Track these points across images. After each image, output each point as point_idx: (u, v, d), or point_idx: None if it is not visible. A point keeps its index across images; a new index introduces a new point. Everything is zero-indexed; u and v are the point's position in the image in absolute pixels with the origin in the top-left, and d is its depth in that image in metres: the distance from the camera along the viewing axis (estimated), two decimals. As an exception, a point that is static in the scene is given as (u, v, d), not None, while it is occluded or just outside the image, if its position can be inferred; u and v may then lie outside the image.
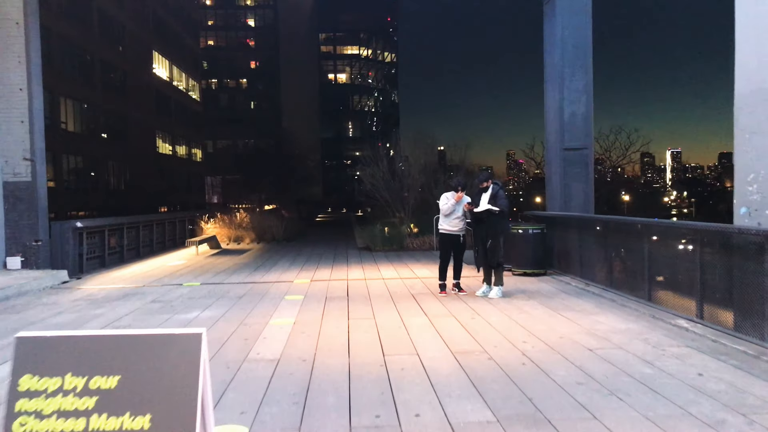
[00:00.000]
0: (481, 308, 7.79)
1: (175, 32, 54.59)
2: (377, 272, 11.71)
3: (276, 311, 7.75)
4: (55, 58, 32.08)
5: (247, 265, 13.14)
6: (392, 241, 15.93)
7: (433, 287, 9.54)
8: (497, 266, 8.57)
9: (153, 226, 16.10)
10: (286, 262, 13.83)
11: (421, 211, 17.30)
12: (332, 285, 10.04)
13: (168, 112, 51.78)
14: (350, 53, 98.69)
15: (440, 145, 19.66)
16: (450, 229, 8.84)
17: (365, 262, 13.69)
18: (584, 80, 11.70)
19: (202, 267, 12.90)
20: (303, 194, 59.98)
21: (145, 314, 7.70)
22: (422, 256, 14.62)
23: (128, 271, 12.38)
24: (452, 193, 8.93)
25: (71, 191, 33.69)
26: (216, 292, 9.44)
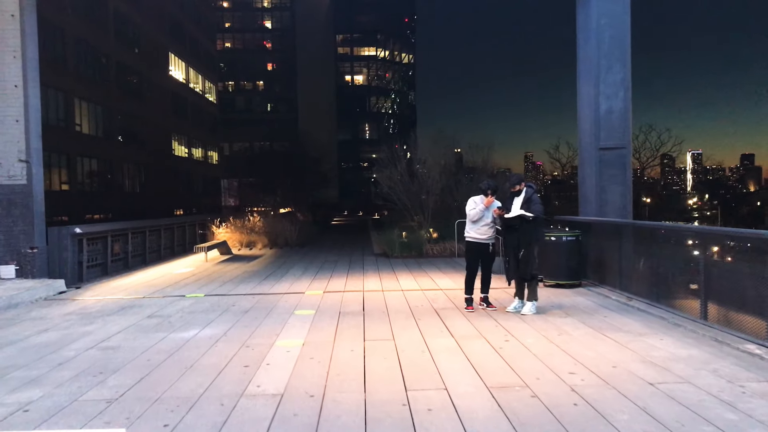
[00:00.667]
0: (515, 328, 6.88)
1: (192, 34, 54.37)
2: (395, 282, 10.84)
3: (283, 329, 6.92)
4: (70, 60, 31.80)
5: (256, 274, 12.36)
6: (411, 248, 15.05)
7: (458, 301, 8.64)
8: (531, 279, 7.65)
9: (161, 231, 15.41)
10: (299, 270, 13.03)
11: (441, 216, 16.40)
12: (347, 297, 9.19)
13: (184, 114, 51.51)
14: (367, 54, 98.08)
15: (458, 148, 18.61)
16: (478, 237, 7.94)
17: (382, 270, 12.83)
18: (622, 73, 10.72)
19: (209, 275, 12.15)
20: (319, 197, 59.29)
21: (139, 332, 6.91)
22: (443, 263, 13.71)
23: (131, 279, 11.67)
24: (481, 197, 8.04)
25: (85, 194, 33.35)
26: (220, 305, 8.65)
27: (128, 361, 5.64)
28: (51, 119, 30.08)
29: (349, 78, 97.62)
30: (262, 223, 19.70)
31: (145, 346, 6.23)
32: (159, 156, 44.33)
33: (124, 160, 38.75)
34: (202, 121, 57.46)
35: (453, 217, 16.41)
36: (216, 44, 68.29)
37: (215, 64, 64.42)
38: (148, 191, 41.83)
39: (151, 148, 42.54)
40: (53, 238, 10.47)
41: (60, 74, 30.63)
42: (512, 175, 7.96)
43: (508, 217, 7.65)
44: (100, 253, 12.06)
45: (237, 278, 11.65)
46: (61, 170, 31.44)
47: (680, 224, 8.25)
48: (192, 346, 6.21)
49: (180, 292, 9.93)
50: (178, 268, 13.60)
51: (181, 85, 50.84)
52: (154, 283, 11.02)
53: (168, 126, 47.01)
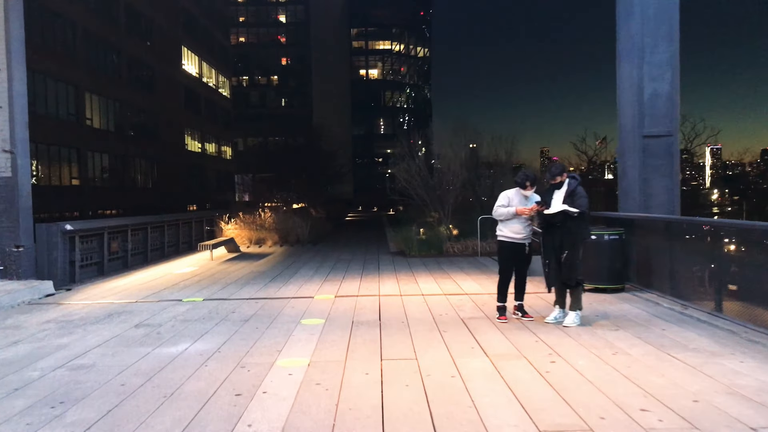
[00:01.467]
0: (559, 343, 5.82)
1: (205, 28, 53.68)
2: (415, 285, 9.81)
3: (287, 344, 5.93)
4: (80, 53, 31.14)
5: (263, 274, 11.40)
6: (430, 246, 14.01)
7: (488, 308, 7.60)
8: (576, 285, 6.58)
9: (164, 228, 14.53)
10: (309, 270, 12.05)
11: (461, 211, 15.33)
12: (361, 303, 8.19)
13: (197, 109, 50.88)
14: (382, 48, 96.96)
15: (479, 140, 17.44)
16: (512, 236, 6.88)
17: (400, 271, 11.80)
18: (669, 51, 9.56)
19: (212, 276, 11.22)
20: (333, 193, 58.43)
21: (121, 346, 5.97)
22: (466, 263, 12.65)
23: (128, 280, 10.77)
24: (515, 190, 6.98)
25: (97, 189, 32.76)
26: (219, 311, 7.69)
27: (99, 385, 4.69)
28: (61, 113, 29.51)
29: (363, 72, 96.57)
30: (273, 219, 18.76)
31: (123, 364, 5.28)
32: (172, 151, 43.70)
33: (137, 155, 38.12)
34: (216, 116, 56.84)
35: (474, 212, 15.35)
36: (230, 38, 67.61)
37: (229, 59, 63.73)
38: (160, 187, 41.21)
39: (163, 143, 41.93)
40: (41, 236, 9.60)
41: (70, 67, 30.00)
42: (553, 164, 6.88)
43: (548, 214, 6.58)
44: (95, 251, 11.18)
45: (242, 279, 10.70)
46: (72, 165, 30.84)
47: (751, 222, 7.08)
48: (178, 365, 5.25)
49: (177, 295, 9.00)
50: (180, 267, 12.70)
51: (194, 79, 50.16)
52: (152, 285, 10.11)
53: (181, 121, 46.38)
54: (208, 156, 54.54)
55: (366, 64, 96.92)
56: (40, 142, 27.55)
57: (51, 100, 28.87)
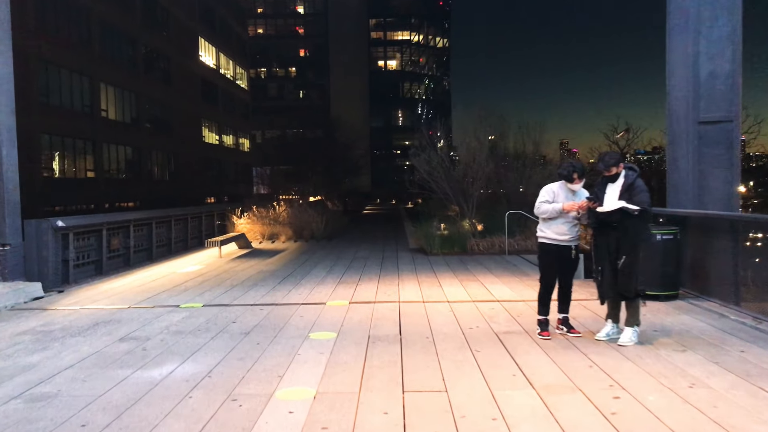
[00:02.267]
0: (619, 370, 4.79)
1: (223, 19, 53.00)
2: (438, 289, 8.82)
3: (290, 367, 4.99)
4: (95, 42, 30.57)
5: (273, 274, 10.50)
6: (452, 243, 12.98)
7: (523, 319, 6.59)
8: (635, 297, 5.53)
9: (171, 223, 13.71)
10: (322, 269, 11.11)
11: (486, 206, 14.27)
12: (378, 311, 7.22)
13: (215, 100, 50.30)
14: (401, 39, 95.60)
15: (499, 132, 16.23)
16: (556, 237, 5.84)
17: (421, 271, 10.81)
18: (730, 25, 8.39)
19: (217, 276, 10.34)
20: (351, 185, 57.59)
21: (98, 366, 5.09)
22: (493, 263, 11.61)
23: (126, 281, 9.94)
24: (560, 183, 5.94)
25: (112, 182, 32.26)
26: (218, 321, 6.79)
27: (53, 427, 3.79)
28: (76, 105, 28.97)
29: (382, 63, 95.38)
30: (287, 213, 17.88)
31: (92, 393, 4.39)
32: (189, 143, 43.16)
33: (153, 147, 37.58)
34: (234, 108, 56.26)
35: (500, 207, 14.30)
36: (247, 29, 66.93)
37: (246, 50, 63.02)
38: (177, 179, 40.69)
39: (180, 134, 41.37)
40: (31, 233, 8.80)
41: (84, 58, 29.43)
42: (607, 153, 5.81)
43: (603, 212, 5.53)
44: (93, 249, 10.38)
45: (249, 280, 9.80)
46: (87, 157, 30.33)
47: None
48: (157, 395, 4.34)
49: (176, 299, 8.13)
50: (186, 265, 11.86)
51: (211, 70, 49.53)
52: (151, 287, 9.27)
53: (198, 112, 45.82)
54: (226, 148, 54.00)
55: (384, 55, 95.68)
56: (54, 133, 27.09)
57: (65, 92, 28.34)
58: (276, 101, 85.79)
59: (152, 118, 38.03)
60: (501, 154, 14.50)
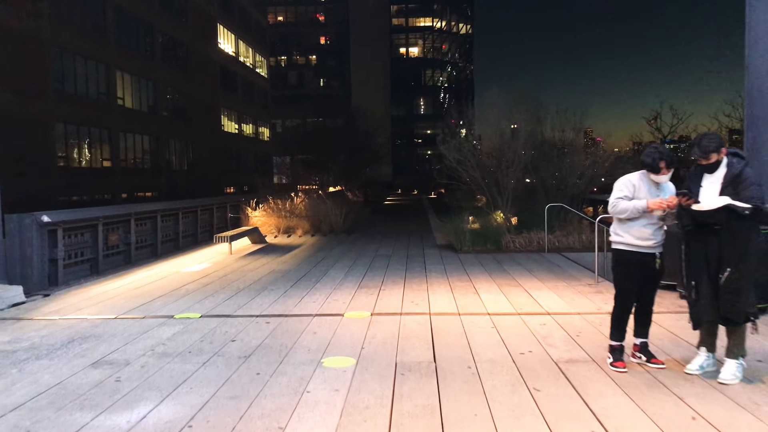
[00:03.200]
0: (735, 426, 3.54)
1: (242, 6, 52.01)
2: (474, 296, 7.60)
3: (296, 412, 3.84)
4: (111, 30, 29.74)
5: (286, 275, 9.38)
6: (485, 239, 11.71)
7: (585, 340, 5.35)
8: (744, 321, 4.27)
9: (178, 216, 12.68)
10: (341, 269, 9.96)
11: (521, 198, 12.95)
12: (406, 327, 6.04)
13: (234, 89, 49.45)
14: (423, 25, 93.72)
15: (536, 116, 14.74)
16: (637, 243, 4.57)
17: (452, 272, 9.59)
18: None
19: (224, 277, 9.26)
20: (372, 175, 56.45)
21: (53, 407, 4.01)
22: (532, 263, 10.33)
23: (122, 282, 8.91)
24: (640, 174, 4.66)
25: (129, 171, 31.58)
26: (214, 338, 5.68)
27: None
28: (91, 93, 28.24)
29: (403, 50, 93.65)
30: (304, 205, 16.78)
31: (33, 453, 3.30)
32: (207, 132, 42.40)
33: (171, 136, 36.83)
34: (253, 96, 55.37)
35: (538, 199, 12.97)
36: (267, 17, 65.82)
37: (266, 38, 61.97)
38: (196, 168, 39.97)
39: (199, 123, 40.60)
40: (12, 230, 7.81)
41: (100, 45, 28.66)
42: (705, 135, 4.49)
43: (701, 211, 4.26)
44: (88, 246, 9.38)
45: (258, 283, 8.70)
46: (103, 146, 29.64)
47: None
48: (116, 458, 3.22)
49: (172, 307, 7.06)
50: (192, 263, 10.82)
51: (230, 58, 48.61)
52: (148, 290, 8.22)
53: (217, 101, 45.02)
54: (246, 137, 53.20)
55: (406, 42, 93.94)
56: (69, 122, 26.40)
57: (80, 79, 27.60)
58: (296, 90, 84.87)
59: (170, 106, 37.27)
60: (538, 140, 13.12)
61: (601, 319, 6.15)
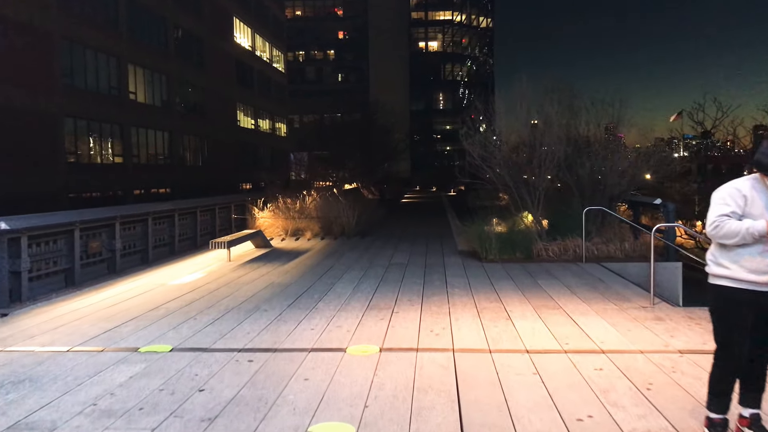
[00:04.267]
0: None
1: (259, 0, 50.99)
2: (507, 323, 6.27)
3: None
4: (123, 22, 28.87)
5: (285, 291, 8.14)
6: (513, 246, 10.33)
7: (657, 394, 4.00)
8: None
9: (174, 219, 11.53)
10: (349, 282, 8.69)
11: (554, 199, 11.54)
12: (424, 371, 4.74)
13: (250, 83, 48.51)
14: (442, 19, 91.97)
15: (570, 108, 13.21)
16: (750, 277, 3.22)
17: (478, 288, 8.25)
18: None
19: (213, 293, 8.05)
20: (390, 171, 55.19)
21: None
22: (570, 276, 8.95)
23: (95, 299, 7.74)
24: (751, 182, 3.30)
25: (141, 167, 30.75)
26: (177, 387, 4.45)
27: None
28: (102, 87, 27.42)
29: (422, 45, 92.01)
30: (314, 205, 15.57)
31: None
32: (223, 127, 41.53)
33: (185, 132, 35.95)
34: (270, 91, 54.40)
35: (571, 200, 11.58)
36: (284, 11, 64.79)
37: (283, 32, 60.93)
38: (211, 164, 39.10)
39: (214, 118, 39.72)
40: (-36, 239, 6.69)
41: (111, 37, 27.81)
42: None
43: None
44: (62, 255, 8.25)
45: (251, 301, 7.48)
46: (114, 141, 28.82)
47: None
48: None
49: (141, 335, 5.86)
50: (183, 273, 9.65)
51: (246, 52, 47.66)
52: (122, 309, 7.05)
53: (232, 95, 44.14)
54: (262, 133, 52.28)
55: (426, 36, 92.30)
56: (79, 117, 25.59)
57: (90, 73, 26.77)
58: (314, 85, 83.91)
59: (184, 101, 36.43)
60: (572, 134, 11.67)
61: (673, 362, 4.81)
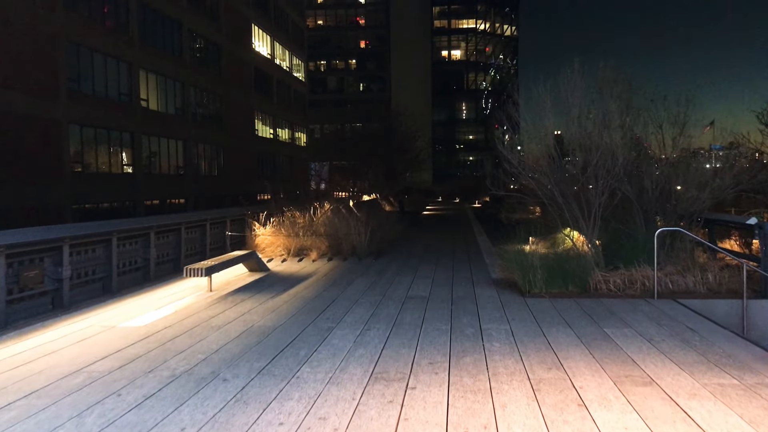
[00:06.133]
0: None
1: (279, 7, 49.70)
2: (579, 410, 4.11)
3: None
4: (134, 27, 27.50)
5: (264, 341, 6.07)
6: (564, 276, 8.16)
7: None
8: None
9: (150, 237, 9.60)
10: (351, 329, 6.59)
11: (612, 217, 9.27)
12: None
13: (269, 92, 47.08)
14: (466, 27, 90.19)
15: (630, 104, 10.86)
16: None
17: (526, 342, 6.07)
18: None
19: (167, 344, 6.02)
20: (411, 181, 53.16)
21: None
22: (647, 322, 6.73)
23: (9, 351, 5.81)
24: None
25: (152, 177, 29.25)
26: None
27: None
28: (111, 93, 25.99)
29: (445, 54, 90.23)
30: (323, 221, 13.57)
31: None
32: (240, 136, 40.00)
33: (200, 140, 34.45)
34: (290, 100, 52.93)
35: (630, 218, 9.36)
36: (305, 18, 63.55)
37: (304, 41, 59.55)
38: (227, 174, 37.54)
39: (231, 127, 38.23)
40: None
41: (122, 42, 26.43)
42: None
43: None
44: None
45: (210, 361, 5.42)
46: (124, 150, 27.34)
47: None
48: None
49: (23, 429, 3.89)
50: (146, 308, 7.67)
51: (265, 60, 46.27)
52: (25, 374, 5.07)
53: (251, 104, 42.68)
54: (281, 142, 50.73)
55: (449, 45, 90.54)
56: (86, 124, 24.15)
57: (99, 79, 25.34)
58: (335, 94, 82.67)
59: (199, 109, 34.99)
60: (634, 137, 9.40)
61: None
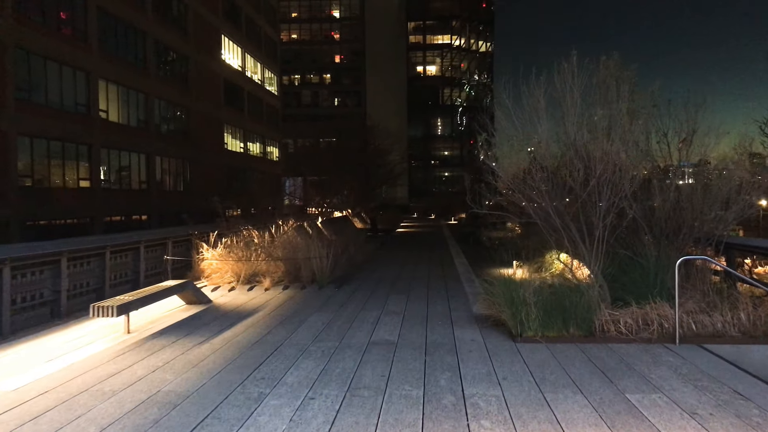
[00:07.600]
0: None
1: (251, 19, 48.25)
2: None
3: None
4: (93, 34, 25.69)
5: (172, 414, 4.38)
6: (564, 315, 6.66)
7: None
8: None
9: (60, 265, 7.82)
10: (289, 396, 4.87)
11: (615, 240, 7.78)
12: None
13: (240, 105, 45.42)
14: (441, 43, 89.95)
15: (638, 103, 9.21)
16: None
17: (522, 415, 4.49)
18: None
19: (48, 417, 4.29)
20: (387, 197, 51.82)
21: None
22: (676, 379, 5.26)
23: None
24: None
25: (112, 193, 27.30)
26: None
27: None
28: (67, 103, 24.06)
29: (420, 69, 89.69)
30: (283, 242, 11.92)
31: None
32: (208, 150, 38.15)
33: (165, 154, 32.58)
34: (261, 114, 51.29)
35: (638, 243, 7.94)
36: (279, 31, 62.10)
37: (277, 53, 58.06)
38: (194, 189, 35.60)
39: (198, 141, 36.41)
40: None
41: (79, 50, 24.61)
42: None
43: None
44: None
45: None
46: (80, 164, 25.36)
47: None
48: None
49: None
50: (35, 360, 5.92)
51: (236, 72, 44.66)
52: None
53: (220, 117, 40.90)
54: (252, 157, 48.97)
55: (424, 60, 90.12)
56: (36, 136, 22.21)
57: (53, 88, 23.49)
58: (310, 109, 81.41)
59: (165, 121, 33.20)
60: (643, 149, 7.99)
61: None
